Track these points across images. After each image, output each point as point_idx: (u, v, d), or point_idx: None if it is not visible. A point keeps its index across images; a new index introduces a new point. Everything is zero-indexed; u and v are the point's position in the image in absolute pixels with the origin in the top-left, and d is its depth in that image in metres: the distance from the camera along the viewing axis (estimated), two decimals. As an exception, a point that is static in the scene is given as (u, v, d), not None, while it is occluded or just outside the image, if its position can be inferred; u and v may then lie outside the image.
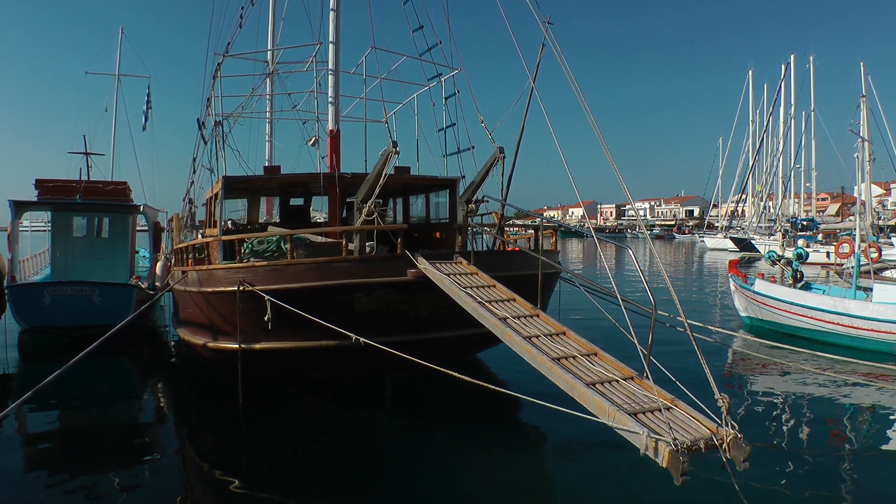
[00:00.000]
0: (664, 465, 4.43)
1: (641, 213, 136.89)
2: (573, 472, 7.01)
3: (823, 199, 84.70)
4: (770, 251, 18.53)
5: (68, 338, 12.86)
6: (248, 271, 8.39)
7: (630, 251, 6.43)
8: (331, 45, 11.33)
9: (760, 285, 15.18)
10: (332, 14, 11.36)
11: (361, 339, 7.04)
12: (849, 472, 6.96)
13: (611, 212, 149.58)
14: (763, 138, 57.47)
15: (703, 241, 64.27)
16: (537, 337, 6.31)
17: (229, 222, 12.97)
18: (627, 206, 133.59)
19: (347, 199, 11.81)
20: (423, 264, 7.84)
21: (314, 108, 12.06)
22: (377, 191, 8.70)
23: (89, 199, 15.58)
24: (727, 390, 9.79)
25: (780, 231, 45.98)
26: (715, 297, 22.72)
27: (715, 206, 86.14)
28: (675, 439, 4.48)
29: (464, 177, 11.42)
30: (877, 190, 70.74)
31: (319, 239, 9.80)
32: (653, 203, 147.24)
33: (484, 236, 11.47)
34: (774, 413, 8.95)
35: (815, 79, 53.01)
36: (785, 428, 8.34)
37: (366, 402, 9.35)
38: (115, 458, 7.31)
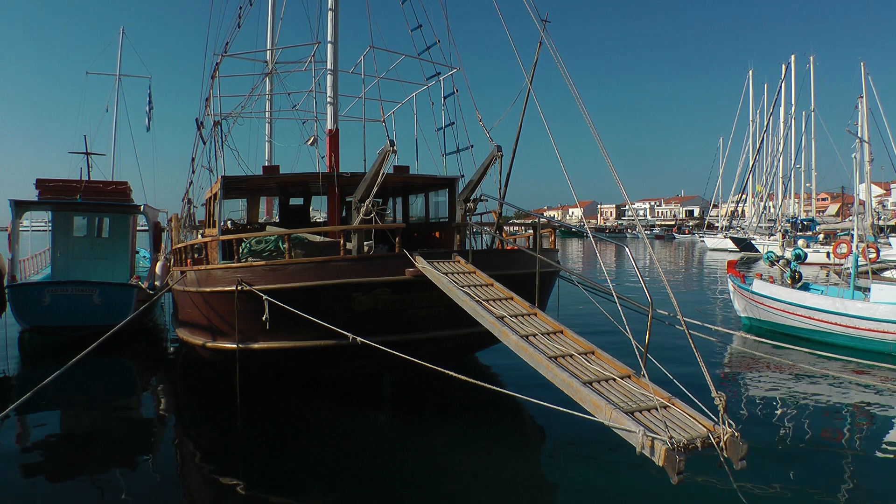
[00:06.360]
0: (660, 464, 4.43)
1: (641, 213, 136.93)
2: (571, 470, 7.02)
3: (823, 199, 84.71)
4: (769, 252, 18.52)
5: (68, 338, 12.88)
6: (246, 271, 8.40)
7: (628, 250, 6.44)
8: (329, 45, 11.33)
9: (759, 285, 15.19)
10: (330, 14, 11.37)
11: (359, 339, 7.05)
12: (846, 471, 6.96)
13: (611, 212, 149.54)
14: (763, 138, 57.50)
15: (703, 242, 64.24)
16: (535, 335, 6.31)
17: (228, 222, 12.99)
18: (627, 207, 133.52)
19: (347, 199, 11.83)
20: (421, 263, 7.84)
21: (313, 108, 12.09)
22: (375, 190, 8.71)
23: (90, 199, 15.61)
24: (725, 389, 9.86)
25: (780, 231, 45.97)
26: (715, 298, 22.72)
27: (715, 206, 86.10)
28: (671, 438, 4.48)
29: (462, 176, 11.44)
30: (877, 190, 70.74)
31: (318, 238, 9.81)
32: (653, 203, 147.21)
33: (483, 235, 11.48)
34: (772, 412, 8.95)
35: (815, 79, 53.17)
36: (782, 427, 8.34)
37: (364, 402, 9.35)
38: (115, 457, 7.33)
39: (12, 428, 8.37)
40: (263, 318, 8.01)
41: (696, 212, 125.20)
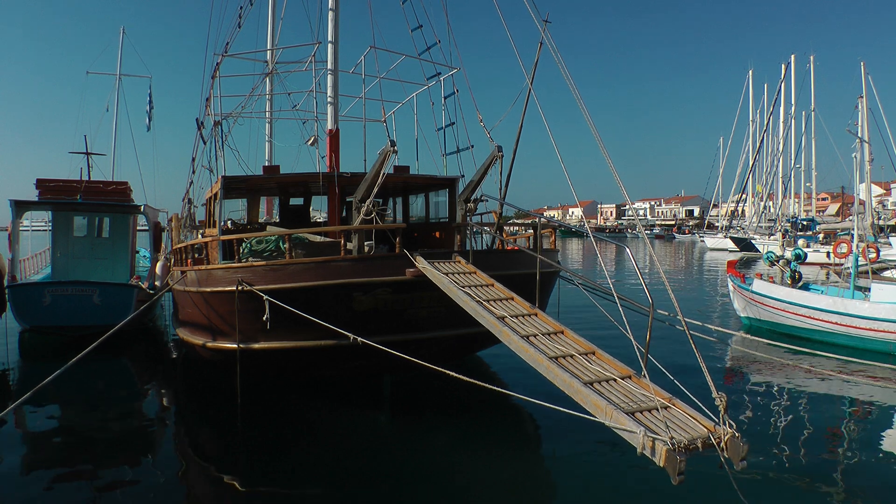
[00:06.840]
0: (661, 465, 4.43)
1: (641, 212, 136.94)
2: (571, 471, 7.02)
3: (823, 199, 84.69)
4: (768, 252, 18.50)
5: (68, 338, 12.88)
6: (246, 271, 8.40)
7: (628, 250, 6.44)
8: (330, 45, 11.33)
9: (759, 285, 15.19)
10: (331, 14, 11.37)
11: (359, 339, 7.05)
12: (847, 471, 6.96)
13: (611, 212, 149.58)
14: (763, 138, 57.50)
15: (703, 241, 64.24)
16: (535, 336, 6.31)
17: (229, 222, 12.99)
18: (627, 206, 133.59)
19: (347, 199, 11.83)
20: (421, 263, 7.85)
21: (313, 108, 12.08)
22: (375, 190, 8.71)
23: (90, 199, 15.61)
24: (725, 390, 9.86)
25: (781, 231, 45.97)
26: (715, 297, 22.72)
27: (715, 205, 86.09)
28: (672, 438, 4.48)
29: (463, 176, 11.45)
30: (877, 190, 70.73)
31: (318, 238, 9.81)
32: (653, 203, 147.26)
33: (484, 235, 11.48)
34: (772, 412, 8.95)
35: (815, 79, 53.14)
36: (783, 427, 8.34)
37: (364, 402, 9.35)
38: (115, 458, 7.32)
39: (12, 428, 8.37)
40: (264, 318, 8.01)
41: (696, 211, 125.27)
